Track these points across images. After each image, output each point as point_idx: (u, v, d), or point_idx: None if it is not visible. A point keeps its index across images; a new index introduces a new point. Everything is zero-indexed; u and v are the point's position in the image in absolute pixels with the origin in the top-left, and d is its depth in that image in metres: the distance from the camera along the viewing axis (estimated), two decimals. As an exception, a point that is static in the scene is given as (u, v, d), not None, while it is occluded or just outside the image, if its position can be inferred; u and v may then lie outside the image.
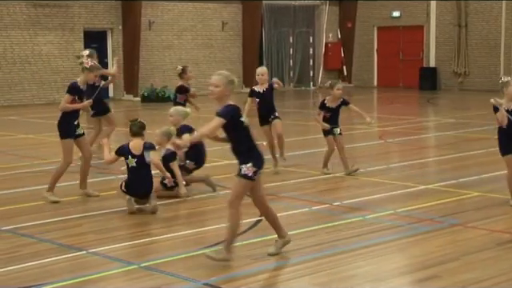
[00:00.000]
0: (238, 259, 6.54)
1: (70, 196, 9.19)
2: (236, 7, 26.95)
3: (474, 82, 27.03)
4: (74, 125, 8.83)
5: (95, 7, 23.79)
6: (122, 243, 7.12)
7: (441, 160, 12.00)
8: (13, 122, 18.13)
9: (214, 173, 10.11)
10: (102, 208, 8.51)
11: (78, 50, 23.32)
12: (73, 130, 8.83)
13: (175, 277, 6.05)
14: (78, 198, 9.08)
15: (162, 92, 23.70)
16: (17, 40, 22.33)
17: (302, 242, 7.05)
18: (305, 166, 11.27)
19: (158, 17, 25.12)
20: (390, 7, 28.76)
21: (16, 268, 6.30)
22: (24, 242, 7.16)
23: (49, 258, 6.58)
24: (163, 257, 6.59)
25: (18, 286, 5.86)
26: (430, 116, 19.91)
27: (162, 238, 7.32)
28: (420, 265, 6.36)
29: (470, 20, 26.87)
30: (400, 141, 14.25)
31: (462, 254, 6.62)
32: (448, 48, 27.47)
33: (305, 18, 28.97)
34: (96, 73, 8.91)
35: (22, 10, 22.38)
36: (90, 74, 8.80)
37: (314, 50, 29.36)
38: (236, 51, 27.10)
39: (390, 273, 6.21)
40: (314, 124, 18.20)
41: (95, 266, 6.39)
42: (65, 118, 8.79)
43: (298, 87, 28.79)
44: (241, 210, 6.37)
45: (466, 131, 15.47)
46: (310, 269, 6.27)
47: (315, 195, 9.28)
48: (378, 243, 7.01)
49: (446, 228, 7.55)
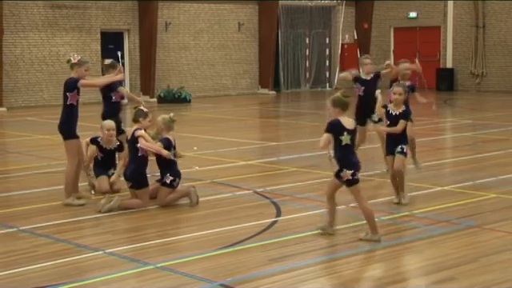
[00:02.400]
0: (253, 260, 6.55)
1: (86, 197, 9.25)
2: (252, 8, 26.97)
3: (491, 82, 26.87)
4: (76, 126, 8.84)
5: (112, 8, 23.90)
6: (139, 243, 7.15)
7: (458, 161, 11.95)
8: (30, 123, 18.26)
9: (229, 173, 10.14)
10: (119, 208, 8.54)
11: (94, 51, 23.51)
12: (75, 130, 8.85)
13: (191, 277, 6.07)
14: (94, 199, 9.13)
15: (178, 93, 23.77)
16: (34, 41, 22.49)
17: (316, 244, 7.05)
18: (320, 167, 11.25)
19: (175, 18, 25.20)
20: (407, 8, 28.65)
21: (33, 268, 6.35)
22: (41, 242, 7.22)
23: (66, 258, 6.63)
24: (179, 257, 6.62)
25: (35, 286, 5.91)
26: (446, 117, 19.81)
27: (177, 238, 7.35)
28: (436, 267, 6.34)
29: (487, 21, 26.72)
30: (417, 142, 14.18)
31: (478, 256, 6.59)
32: (465, 49, 27.33)
33: (321, 18, 28.93)
34: (85, 66, 8.81)
35: (39, 12, 22.54)
36: (81, 69, 8.77)
37: (330, 51, 29.32)
38: (252, 52, 27.11)
39: (406, 274, 6.19)
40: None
41: (112, 266, 6.43)
42: (67, 119, 8.80)
43: (314, 88, 28.76)
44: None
45: (483, 132, 15.38)
46: (326, 270, 6.27)
47: (331, 196, 9.25)
48: (394, 245, 6.99)
49: (462, 230, 7.52)
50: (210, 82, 26.34)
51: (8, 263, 6.49)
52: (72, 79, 8.77)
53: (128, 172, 8.71)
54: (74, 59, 8.79)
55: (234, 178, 10.21)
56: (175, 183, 8.68)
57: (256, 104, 23.48)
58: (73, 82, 8.75)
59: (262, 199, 9.11)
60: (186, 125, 16.93)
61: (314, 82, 28.93)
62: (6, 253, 6.85)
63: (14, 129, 17.12)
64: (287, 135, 15.26)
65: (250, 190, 9.60)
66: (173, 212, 8.43)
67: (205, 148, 13.12)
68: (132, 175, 8.64)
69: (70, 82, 8.77)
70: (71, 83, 8.75)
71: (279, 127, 16.86)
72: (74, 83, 8.74)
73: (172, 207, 8.62)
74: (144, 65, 24.43)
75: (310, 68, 28.77)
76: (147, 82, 24.36)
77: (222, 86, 26.57)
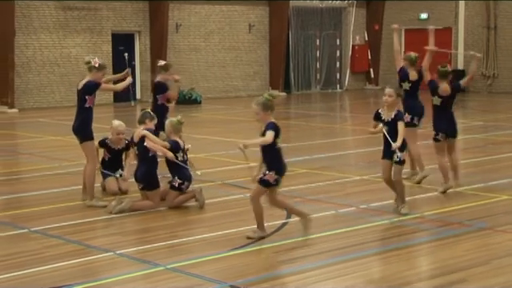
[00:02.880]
0: (264, 261, 6.55)
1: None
2: (263, 9, 26.97)
3: (503, 84, 26.74)
4: (91, 128, 8.84)
5: (123, 10, 23.96)
6: (149, 245, 7.15)
7: (469, 163, 11.88)
8: (42, 124, 18.33)
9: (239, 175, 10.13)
10: (130, 210, 8.55)
11: (105, 52, 23.57)
12: (92, 132, 8.84)
13: (202, 278, 6.07)
14: (105, 200, 9.14)
15: (189, 94, 23.80)
16: (46, 43, 22.57)
17: (328, 245, 7.04)
18: (332, 169, 11.24)
19: (185, 19, 25.23)
20: (418, 9, 28.56)
21: (45, 269, 6.37)
22: (53, 242, 7.23)
23: (77, 259, 6.64)
24: (190, 258, 6.62)
25: (46, 287, 5.92)
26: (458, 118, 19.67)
27: (188, 239, 7.34)
28: (447, 269, 6.31)
29: (499, 22, 26.60)
30: (428, 143, 14.12)
31: (490, 258, 6.56)
32: (476, 50, 27.05)
33: (332, 20, 28.89)
34: (103, 71, 8.83)
35: (51, 13, 22.62)
36: (99, 73, 8.79)
37: (340, 53, 29.27)
38: (263, 53, 27.11)
39: (417, 277, 6.16)
40: (340, 127, 18.22)
41: (123, 267, 6.44)
42: (85, 121, 8.78)
43: (325, 90, 28.72)
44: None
45: (495, 134, 15.31)
46: (336, 272, 6.25)
47: (342, 198, 9.25)
48: (405, 247, 6.97)
49: (474, 232, 7.48)
50: (220, 84, 26.35)
51: (19, 264, 6.52)
52: (92, 82, 8.73)
53: (139, 174, 8.71)
54: (95, 63, 8.77)
55: (245, 179, 10.19)
56: (183, 186, 8.67)
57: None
58: (93, 86, 8.73)
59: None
60: (196, 126, 16.94)
61: (325, 83, 28.88)
62: (17, 253, 6.87)
63: (26, 130, 17.18)
64: (298, 137, 15.24)
65: (260, 192, 9.57)
66: (183, 213, 8.43)
67: (215, 149, 13.13)
68: (143, 177, 8.64)
69: (90, 84, 8.72)
70: (92, 86, 8.73)
71: (290, 129, 16.84)
72: (95, 87, 8.74)
73: (182, 208, 8.63)
74: (155, 66, 24.42)
75: (320, 69, 28.73)
76: (158, 83, 24.37)
77: (233, 88, 26.58)
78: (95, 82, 8.75)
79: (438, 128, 9.47)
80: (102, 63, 8.86)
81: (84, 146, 8.86)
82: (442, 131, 9.46)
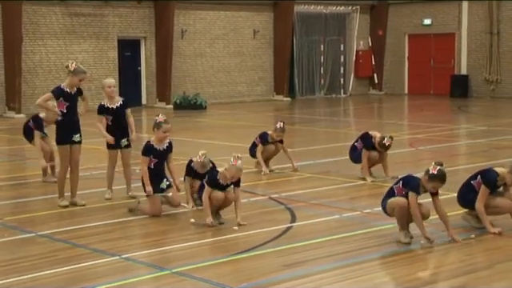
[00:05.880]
0: (268, 265, 6.56)
1: (103, 202, 9.30)
2: (267, 15, 27.01)
3: (506, 89, 26.71)
4: (64, 133, 8.89)
5: (129, 16, 24.03)
6: (155, 249, 7.17)
7: (472, 168, 11.86)
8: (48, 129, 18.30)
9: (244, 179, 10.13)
10: (135, 214, 8.58)
11: (112, 58, 23.65)
12: (62, 137, 8.91)
13: (206, 282, 6.09)
14: (110, 205, 9.18)
15: (194, 99, 23.84)
16: (53, 49, 22.65)
17: (332, 249, 7.05)
18: (336, 173, 11.25)
19: (191, 25, 25.29)
20: (422, 15, 28.57)
21: (51, 272, 6.39)
22: (59, 246, 7.26)
23: (83, 262, 6.67)
24: (195, 263, 6.63)
25: (53, 290, 5.95)
26: (461, 123, 19.74)
27: (193, 244, 7.36)
28: (450, 273, 6.32)
29: (502, 27, 26.59)
30: (431, 148, 14.15)
31: (493, 263, 6.56)
32: (480, 55, 27.21)
33: (336, 25, 28.92)
34: (80, 76, 8.84)
35: (57, 20, 22.71)
36: (74, 78, 8.83)
37: (344, 58, 29.29)
38: (267, 59, 27.15)
39: (420, 281, 6.17)
40: (344, 132, 18.23)
41: (128, 271, 6.46)
42: (56, 125, 8.96)
43: (329, 95, 28.74)
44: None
45: (498, 139, 15.30)
46: (339, 276, 6.26)
47: (346, 202, 9.26)
48: (408, 251, 6.97)
49: (477, 236, 7.48)
50: (225, 89, 26.39)
51: (26, 268, 6.54)
52: (54, 88, 8.89)
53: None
54: (71, 66, 8.83)
55: (250, 183, 10.21)
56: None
57: (271, 110, 23.50)
58: (57, 92, 8.84)
59: (276, 205, 9.11)
60: (201, 131, 16.99)
61: (329, 88, 28.90)
62: (24, 257, 6.90)
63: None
64: (302, 141, 15.26)
65: (265, 196, 9.60)
66: (188, 218, 8.44)
67: (220, 154, 13.14)
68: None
69: (54, 90, 8.87)
70: (55, 92, 8.85)
71: (294, 133, 16.86)
72: (57, 94, 8.84)
73: (187, 215, 8.64)
74: (160, 72, 24.53)
75: (324, 75, 28.76)
76: (163, 88, 24.45)
77: (238, 93, 26.61)
78: (57, 88, 8.86)
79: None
80: (78, 68, 8.86)
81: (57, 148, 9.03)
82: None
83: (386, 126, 17.06)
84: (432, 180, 7.02)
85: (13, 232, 7.84)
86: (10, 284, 6.11)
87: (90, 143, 12.76)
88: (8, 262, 6.76)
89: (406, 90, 29.49)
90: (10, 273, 6.38)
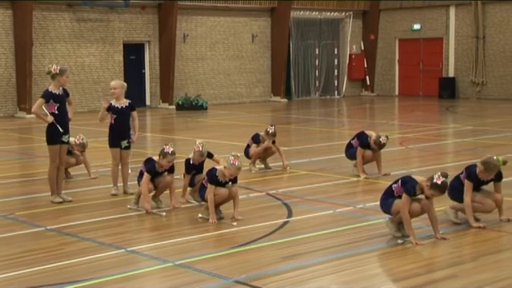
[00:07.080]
0: (266, 258, 6.56)
1: (109, 198, 9.29)
2: (265, 21, 27.01)
3: (490, 91, 26.74)
4: (52, 133, 8.94)
5: (134, 21, 24.01)
6: (158, 242, 7.17)
7: (460, 165, 11.86)
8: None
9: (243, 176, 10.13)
10: (140, 209, 8.58)
11: (117, 61, 23.63)
12: (51, 137, 8.96)
13: (207, 274, 6.08)
14: (116, 200, 9.17)
15: (195, 100, 23.84)
16: (61, 52, 22.63)
17: (325, 243, 7.04)
18: (330, 171, 11.24)
19: (192, 30, 25.28)
20: (411, 20, 28.58)
21: (60, 265, 6.39)
22: (68, 240, 7.25)
23: (90, 255, 6.66)
24: (197, 255, 6.63)
25: (62, 282, 5.94)
26: (449, 123, 19.73)
27: (195, 237, 7.36)
28: (438, 265, 6.32)
29: (487, 32, 26.61)
30: (420, 147, 14.15)
31: (479, 255, 6.56)
32: (466, 59, 27.23)
33: (330, 30, 28.93)
34: (66, 74, 8.93)
35: (66, 25, 22.68)
36: (62, 77, 8.89)
37: (338, 61, 29.30)
38: (265, 62, 27.15)
39: (409, 272, 6.17)
40: (338, 131, 18.23)
41: (133, 264, 6.45)
42: (48, 126, 8.97)
43: (324, 96, 28.75)
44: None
45: (483, 138, 15.31)
46: (333, 268, 6.26)
47: (340, 198, 9.26)
48: (397, 244, 6.96)
49: (464, 230, 7.48)
50: (225, 91, 26.39)
51: (36, 260, 6.54)
52: (45, 91, 8.97)
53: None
54: (55, 70, 8.87)
55: (248, 180, 10.21)
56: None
57: (268, 111, 23.49)
58: (47, 95, 8.92)
59: (274, 201, 9.11)
60: (202, 131, 16.98)
61: (323, 90, 28.92)
62: (34, 250, 6.89)
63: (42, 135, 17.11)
64: (298, 140, 15.26)
65: (262, 192, 9.60)
66: (190, 213, 8.44)
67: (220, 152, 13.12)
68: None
69: (44, 94, 8.95)
70: (45, 96, 8.92)
71: (290, 133, 16.86)
72: (48, 97, 8.91)
73: (189, 209, 8.64)
74: (163, 74, 24.53)
75: (319, 77, 28.76)
76: (166, 90, 24.45)
77: (237, 94, 26.61)
78: (46, 91, 8.93)
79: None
80: (62, 67, 8.95)
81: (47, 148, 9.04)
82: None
83: (378, 126, 17.06)
84: (433, 189, 6.99)
85: (23, 226, 7.83)
86: (20, 276, 6.10)
87: (96, 142, 12.75)
88: (18, 254, 6.75)
89: (397, 91, 29.50)
90: (20, 265, 6.38)
